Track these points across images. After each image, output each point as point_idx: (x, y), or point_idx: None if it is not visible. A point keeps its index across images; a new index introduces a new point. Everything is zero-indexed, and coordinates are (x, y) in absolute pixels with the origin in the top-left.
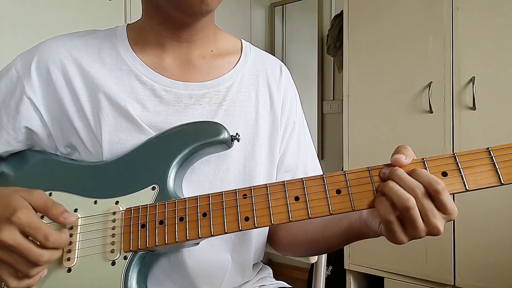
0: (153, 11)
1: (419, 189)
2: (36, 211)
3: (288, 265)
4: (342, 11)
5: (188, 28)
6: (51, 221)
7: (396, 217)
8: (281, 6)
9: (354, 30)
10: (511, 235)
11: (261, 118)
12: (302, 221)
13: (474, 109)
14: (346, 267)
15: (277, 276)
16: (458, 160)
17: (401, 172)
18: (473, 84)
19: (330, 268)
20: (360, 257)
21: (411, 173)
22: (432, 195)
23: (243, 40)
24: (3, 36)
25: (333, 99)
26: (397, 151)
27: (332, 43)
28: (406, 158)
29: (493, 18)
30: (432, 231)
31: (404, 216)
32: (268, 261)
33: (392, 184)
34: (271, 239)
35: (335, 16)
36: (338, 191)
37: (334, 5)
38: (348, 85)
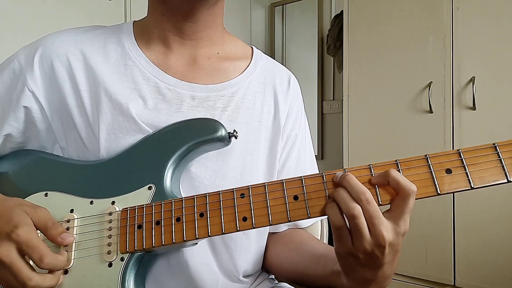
0: (155, 0)
1: (365, 195)
2: (36, 229)
3: None
4: (342, 11)
5: (190, 22)
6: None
7: (345, 224)
8: (281, 6)
9: (354, 30)
10: (511, 235)
11: (263, 127)
12: (292, 249)
13: (474, 109)
14: None
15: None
16: (463, 157)
17: (350, 177)
18: (473, 84)
19: None
20: None
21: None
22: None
23: (254, 47)
24: (3, 36)
25: (333, 99)
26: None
27: (332, 43)
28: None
29: (493, 18)
30: (378, 240)
31: (350, 225)
32: None
33: (341, 191)
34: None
35: (335, 16)
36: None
37: (334, 5)
38: (348, 85)
